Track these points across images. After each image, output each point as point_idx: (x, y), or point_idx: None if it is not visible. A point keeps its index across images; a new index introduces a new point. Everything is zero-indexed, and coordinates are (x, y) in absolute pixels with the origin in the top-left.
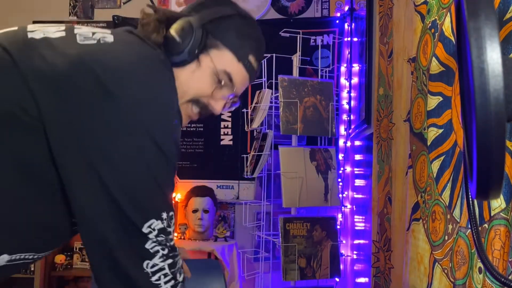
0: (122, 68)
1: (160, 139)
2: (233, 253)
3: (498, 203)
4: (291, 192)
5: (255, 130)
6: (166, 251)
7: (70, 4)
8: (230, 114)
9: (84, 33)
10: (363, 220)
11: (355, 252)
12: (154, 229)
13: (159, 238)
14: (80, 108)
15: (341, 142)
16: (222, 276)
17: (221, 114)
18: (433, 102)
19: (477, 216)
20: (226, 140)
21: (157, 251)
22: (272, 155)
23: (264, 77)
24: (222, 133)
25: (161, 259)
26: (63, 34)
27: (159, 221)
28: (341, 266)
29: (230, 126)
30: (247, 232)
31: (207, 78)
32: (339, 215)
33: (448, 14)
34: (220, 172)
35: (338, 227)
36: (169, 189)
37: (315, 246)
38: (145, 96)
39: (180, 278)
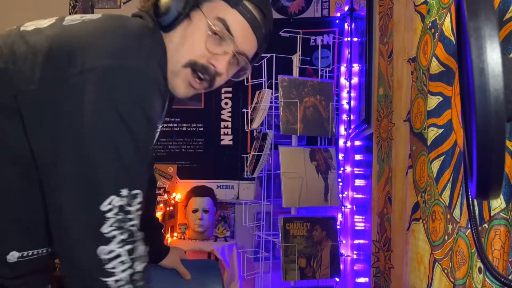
0: (95, 41)
1: (126, 113)
2: (233, 253)
3: (498, 203)
4: (291, 192)
5: (255, 130)
6: (125, 236)
7: (70, 4)
8: (230, 114)
9: (73, 17)
10: (363, 220)
11: (355, 252)
12: (114, 206)
13: (118, 217)
14: (52, 84)
15: (341, 142)
16: (220, 276)
17: (221, 114)
18: (433, 102)
19: (477, 216)
20: (226, 140)
21: (114, 236)
22: (272, 155)
23: (264, 77)
24: (222, 133)
25: (119, 245)
26: (52, 21)
27: (118, 198)
28: (341, 266)
29: (230, 126)
30: (247, 232)
31: (200, 33)
32: (339, 215)
33: (448, 14)
34: (220, 172)
35: (338, 227)
36: (135, 167)
37: (315, 246)
38: (116, 70)
39: (139, 268)
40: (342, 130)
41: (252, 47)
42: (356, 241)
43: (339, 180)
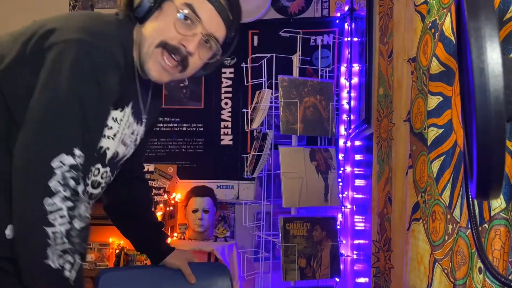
0: (67, 21)
1: (80, 81)
2: (233, 253)
3: (498, 203)
4: (291, 192)
5: (255, 130)
6: (68, 193)
7: (70, 4)
8: (230, 114)
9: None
10: (363, 220)
11: (355, 252)
12: (64, 164)
13: (66, 174)
14: (26, 58)
15: (341, 142)
16: (229, 280)
17: (221, 114)
18: (433, 102)
19: (477, 216)
20: (226, 140)
21: (59, 191)
22: (272, 155)
23: (264, 77)
24: (222, 133)
25: (61, 200)
26: None
27: (70, 156)
28: (341, 266)
29: (230, 126)
30: (247, 232)
31: (170, 17)
32: (339, 215)
33: (448, 14)
34: (220, 172)
35: (338, 227)
36: (85, 130)
37: (315, 246)
38: (78, 43)
39: (77, 225)
40: (342, 130)
41: (220, 30)
42: (356, 241)
43: (339, 180)
